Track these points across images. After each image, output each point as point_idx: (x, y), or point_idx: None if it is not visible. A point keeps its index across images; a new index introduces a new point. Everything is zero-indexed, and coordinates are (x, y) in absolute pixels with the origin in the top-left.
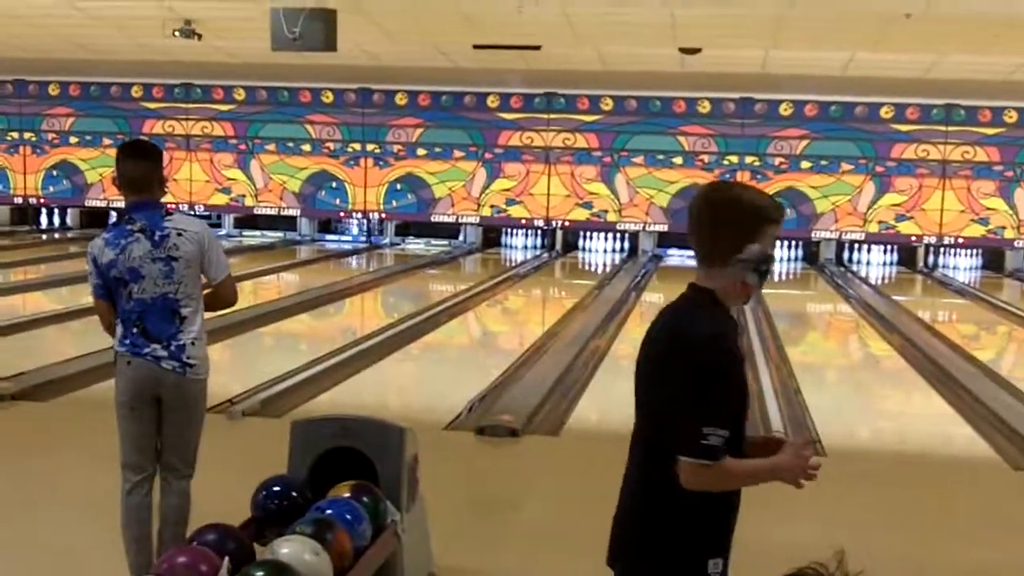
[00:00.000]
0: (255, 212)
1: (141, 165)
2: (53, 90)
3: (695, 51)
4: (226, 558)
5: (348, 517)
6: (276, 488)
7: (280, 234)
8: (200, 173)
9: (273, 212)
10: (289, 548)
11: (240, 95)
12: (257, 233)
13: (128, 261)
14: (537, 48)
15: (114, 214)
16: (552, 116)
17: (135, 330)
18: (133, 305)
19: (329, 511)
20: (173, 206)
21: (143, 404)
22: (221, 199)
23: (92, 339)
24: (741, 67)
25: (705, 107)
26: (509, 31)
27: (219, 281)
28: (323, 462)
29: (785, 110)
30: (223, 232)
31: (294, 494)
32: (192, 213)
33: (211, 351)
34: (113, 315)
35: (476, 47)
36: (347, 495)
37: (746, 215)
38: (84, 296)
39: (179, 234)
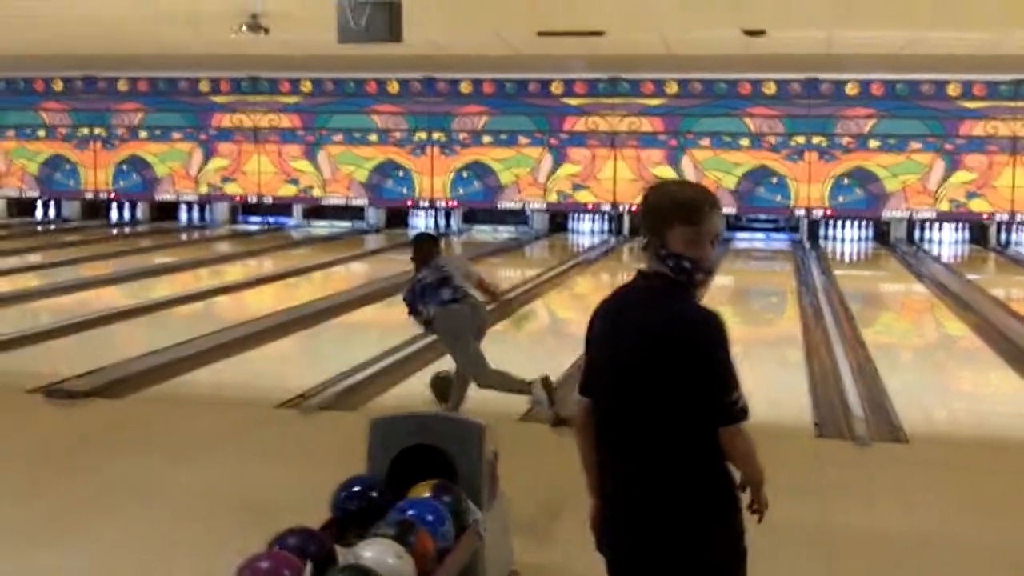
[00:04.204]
0: (323, 203)
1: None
2: (122, 86)
3: (760, 33)
4: (308, 562)
5: (430, 518)
6: (356, 488)
7: (348, 224)
8: (268, 165)
9: (341, 203)
10: (372, 551)
11: (307, 87)
12: (325, 223)
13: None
14: (601, 34)
15: (184, 207)
16: (617, 101)
17: None
18: None
19: (411, 512)
20: (240, 198)
21: None
22: (290, 190)
23: (163, 334)
24: (806, 48)
25: (771, 88)
26: (574, 17)
27: None
28: (401, 460)
29: (851, 89)
30: (292, 223)
31: (374, 494)
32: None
33: (282, 344)
34: None
35: (540, 34)
36: (428, 495)
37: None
38: (154, 291)
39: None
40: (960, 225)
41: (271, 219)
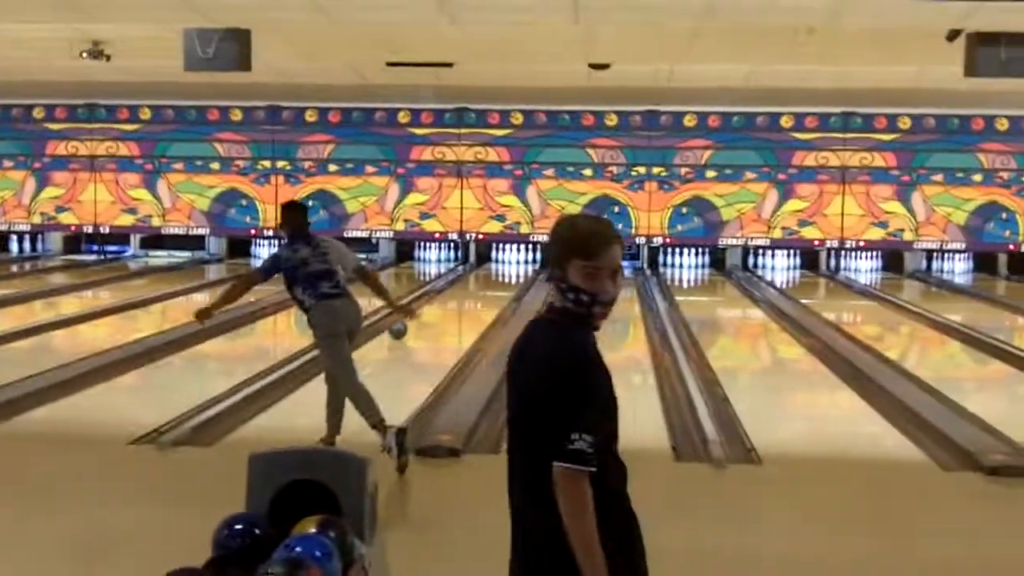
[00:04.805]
0: (162, 232)
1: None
2: None
3: (604, 66)
4: None
5: (318, 554)
6: (238, 526)
7: (188, 254)
8: (105, 194)
9: (182, 232)
10: None
11: (146, 114)
12: (164, 253)
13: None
14: (450, 65)
15: (14, 238)
16: (463, 131)
17: None
18: None
19: (299, 548)
20: (76, 228)
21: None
22: (127, 220)
23: (6, 370)
24: (647, 81)
25: (612, 120)
26: (425, 50)
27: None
28: (282, 495)
29: (689, 121)
30: (129, 253)
31: (257, 531)
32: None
33: (125, 379)
34: None
35: (389, 64)
36: (314, 530)
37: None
38: None
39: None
40: (792, 252)
41: (108, 249)
